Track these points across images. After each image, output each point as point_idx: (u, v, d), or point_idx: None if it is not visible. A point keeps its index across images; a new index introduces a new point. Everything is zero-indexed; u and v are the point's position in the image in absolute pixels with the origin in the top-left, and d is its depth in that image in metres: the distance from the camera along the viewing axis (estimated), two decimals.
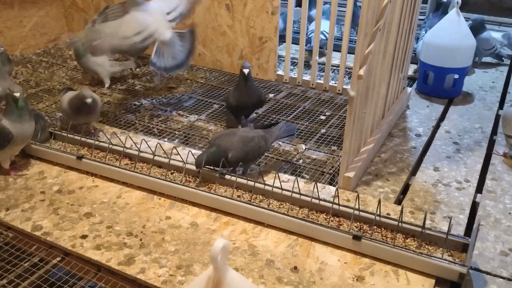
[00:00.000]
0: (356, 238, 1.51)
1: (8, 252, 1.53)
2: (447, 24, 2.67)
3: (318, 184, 1.80)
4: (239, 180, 1.76)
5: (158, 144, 1.96)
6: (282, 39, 2.94)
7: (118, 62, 2.77)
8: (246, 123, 2.34)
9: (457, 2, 2.62)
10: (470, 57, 2.72)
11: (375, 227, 1.58)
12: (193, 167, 1.83)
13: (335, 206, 1.63)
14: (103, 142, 2.02)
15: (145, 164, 1.92)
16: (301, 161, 2.08)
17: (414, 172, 2.02)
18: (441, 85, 2.73)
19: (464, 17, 2.68)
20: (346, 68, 2.80)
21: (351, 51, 2.83)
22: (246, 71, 2.20)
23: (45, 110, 2.45)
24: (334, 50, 2.78)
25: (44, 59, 3.21)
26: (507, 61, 3.34)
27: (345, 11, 2.66)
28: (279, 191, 1.71)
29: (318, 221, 1.60)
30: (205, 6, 2.96)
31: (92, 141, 1.99)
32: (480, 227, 1.64)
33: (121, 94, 2.70)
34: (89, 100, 2.01)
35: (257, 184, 1.73)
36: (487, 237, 1.63)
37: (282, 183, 1.74)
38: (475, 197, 1.86)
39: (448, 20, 2.67)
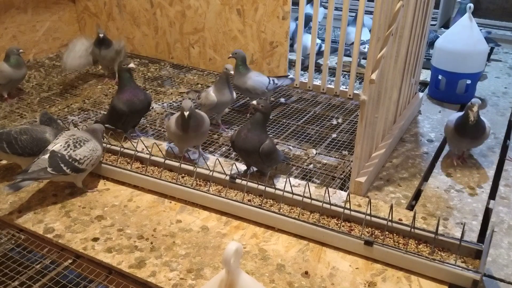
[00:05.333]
0: (368, 243, 1.49)
1: (20, 254, 1.54)
2: (460, 29, 2.65)
3: (329, 189, 1.79)
4: (249, 184, 1.75)
5: (169, 148, 1.96)
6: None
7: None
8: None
9: (469, 7, 2.61)
10: (482, 62, 2.69)
11: (387, 232, 1.56)
12: (204, 171, 1.83)
13: (347, 211, 1.62)
14: (114, 145, 2.03)
15: (156, 167, 1.92)
16: (311, 165, 2.07)
17: (426, 177, 2.01)
18: (453, 91, 2.71)
19: (476, 23, 2.66)
20: (357, 73, 2.79)
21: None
22: (132, 66, 2.10)
23: (57, 114, 2.47)
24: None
25: (57, 63, 3.24)
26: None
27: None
28: (290, 195, 1.70)
29: (329, 226, 1.59)
30: (216, 11, 2.97)
31: (103, 145, 2.00)
32: (494, 233, 1.62)
33: None
34: (186, 113, 1.85)
35: (267, 189, 1.73)
36: (500, 243, 1.61)
37: (292, 187, 1.73)
38: (488, 203, 1.84)
39: (460, 25, 2.66)
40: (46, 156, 1.70)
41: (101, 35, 2.74)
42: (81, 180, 1.80)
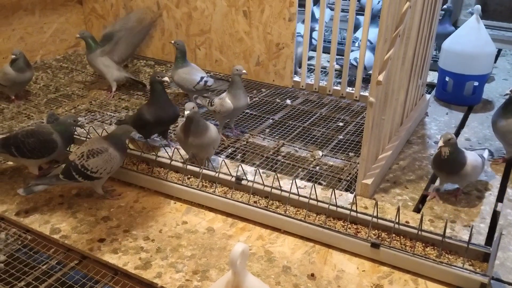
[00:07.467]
0: (375, 246, 1.48)
1: (26, 254, 1.54)
2: (467, 31, 2.64)
3: (336, 190, 1.78)
4: (255, 185, 1.75)
5: (175, 149, 1.96)
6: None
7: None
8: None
9: (477, 9, 2.60)
10: (490, 64, 2.68)
11: (393, 235, 1.55)
12: (210, 172, 1.83)
13: (353, 213, 1.61)
14: None
15: (162, 169, 1.92)
16: (317, 167, 2.06)
17: (433, 180, 1.99)
18: (460, 92, 2.69)
19: (484, 24, 2.65)
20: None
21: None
22: (166, 79, 2.03)
23: (64, 115, 2.47)
24: None
25: (64, 64, 3.26)
26: None
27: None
28: (296, 197, 1.70)
29: (335, 228, 1.59)
30: (223, 12, 2.97)
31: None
32: (502, 236, 1.61)
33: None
34: (186, 112, 1.81)
35: (273, 190, 1.72)
36: (508, 246, 1.60)
37: (298, 189, 1.73)
38: (496, 206, 1.82)
39: (468, 27, 2.64)
40: (63, 165, 1.73)
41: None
42: (99, 186, 1.77)
